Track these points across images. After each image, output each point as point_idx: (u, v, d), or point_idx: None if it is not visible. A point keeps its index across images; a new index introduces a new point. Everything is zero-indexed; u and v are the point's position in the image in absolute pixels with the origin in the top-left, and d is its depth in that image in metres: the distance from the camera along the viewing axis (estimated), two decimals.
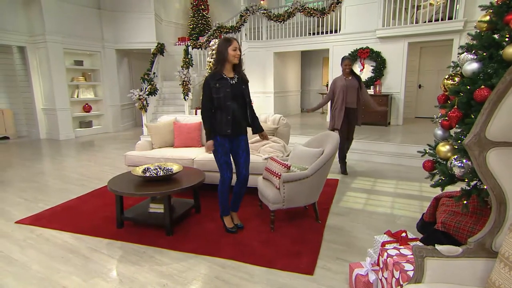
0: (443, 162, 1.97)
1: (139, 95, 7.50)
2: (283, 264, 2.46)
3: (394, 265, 1.74)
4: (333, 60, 8.75)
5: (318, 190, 3.16)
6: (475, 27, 1.97)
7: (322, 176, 3.10)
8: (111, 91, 9.61)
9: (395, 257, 1.80)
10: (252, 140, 3.87)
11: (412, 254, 1.81)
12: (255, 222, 3.21)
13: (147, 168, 3.20)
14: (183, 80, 7.77)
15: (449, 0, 7.02)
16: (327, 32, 8.87)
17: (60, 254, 2.72)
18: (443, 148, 1.90)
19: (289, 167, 3.01)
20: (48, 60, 8.07)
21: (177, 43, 10.62)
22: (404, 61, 7.86)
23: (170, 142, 4.50)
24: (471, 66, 1.82)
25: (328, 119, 9.19)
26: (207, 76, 2.80)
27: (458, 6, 6.92)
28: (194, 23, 11.06)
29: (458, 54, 2.04)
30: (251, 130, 3.04)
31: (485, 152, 1.28)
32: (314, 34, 9.18)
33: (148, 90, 7.71)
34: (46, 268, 2.51)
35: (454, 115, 1.81)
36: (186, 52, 8.34)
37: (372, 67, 8.20)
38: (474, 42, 1.91)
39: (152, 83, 7.86)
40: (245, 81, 2.88)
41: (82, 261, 2.60)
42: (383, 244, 2.02)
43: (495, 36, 1.80)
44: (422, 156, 2.30)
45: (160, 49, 8.94)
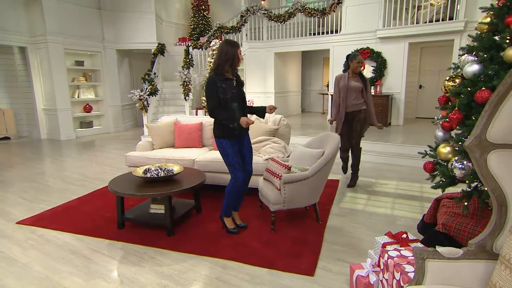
0: (444, 164, 1.97)
1: (140, 96, 7.51)
2: (284, 265, 2.46)
3: (395, 266, 1.74)
4: (333, 61, 8.75)
5: (318, 191, 3.16)
6: (476, 29, 1.97)
7: (322, 177, 3.10)
8: (112, 91, 9.62)
9: (396, 258, 1.80)
10: (253, 141, 3.87)
11: (413, 256, 1.82)
12: (256, 222, 3.22)
13: (148, 169, 3.20)
14: (184, 81, 7.78)
15: (449, 1, 7.01)
16: (327, 33, 8.86)
17: (61, 254, 2.72)
18: (444, 149, 1.90)
19: (289, 168, 3.01)
20: (49, 61, 8.08)
21: (177, 44, 10.63)
22: (405, 61, 7.85)
23: (170, 143, 4.50)
24: (472, 68, 1.82)
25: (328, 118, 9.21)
26: (212, 75, 2.76)
27: (458, 6, 6.91)
28: (195, 23, 11.06)
29: (459, 55, 2.03)
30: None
31: (486, 154, 1.29)
32: (314, 34, 9.18)
33: (148, 91, 7.72)
34: (47, 269, 2.51)
35: (455, 116, 1.81)
36: (187, 52, 8.36)
37: (373, 68, 8.19)
38: (475, 44, 1.91)
39: (152, 83, 7.87)
40: (242, 82, 2.92)
41: (83, 261, 2.61)
42: (384, 245, 2.02)
43: (496, 38, 1.80)
44: (423, 157, 2.30)
45: (161, 49, 8.96)
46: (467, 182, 1.80)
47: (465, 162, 1.73)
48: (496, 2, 1.80)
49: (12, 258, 2.68)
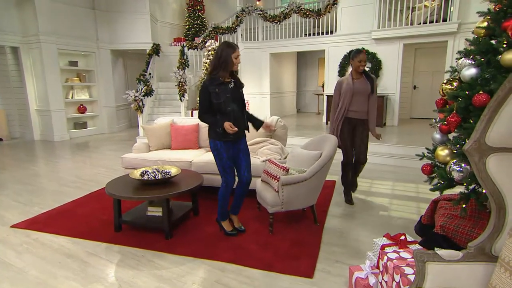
0: (442, 166, 1.99)
1: (135, 96, 7.46)
2: (283, 267, 2.47)
3: (394, 268, 1.76)
4: (329, 61, 8.80)
5: (316, 193, 3.17)
6: (473, 33, 2.00)
7: (320, 178, 3.11)
8: (106, 92, 9.55)
9: (395, 260, 1.81)
10: (249, 142, 3.87)
11: (412, 258, 1.83)
12: (254, 224, 3.22)
13: (145, 171, 3.18)
14: (179, 81, 7.75)
15: (443, 2, 7.08)
16: (323, 33, 8.90)
17: (57, 258, 2.69)
18: (442, 152, 1.92)
19: (287, 169, 3.01)
20: (42, 61, 7.99)
21: (172, 44, 10.58)
22: (399, 62, 7.92)
23: (167, 144, 4.48)
24: (469, 72, 1.84)
25: (324, 120, 9.23)
26: (205, 81, 2.76)
27: (452, 8, 6.98)
28: (190, 23, 11.04)
29: (456, 59, 2.06)
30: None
31: (485, 158, 1.30)
32: (310, 35, 9.21)
33: (144, 91, 7.67)
34: (43, 273, 2.48)
35: (453, 120, 1.82)
36: (182, 52, 8.33)
37: (368, 68, 8.23)
38: (472, 48, 1.93)
39: (148, 84, 7.83)
40: (241, 85, 2.89)
41: (80, 265, 2.59)
42: (383, 247, 2.03)
43: (493, 42, 1.82)
44: (421, 159, 2.32)
45: (156, 49, 8.91)
46: (465, 184, 1.82)
47: (463, 165, 1.75)
48: (493, 7, 1.83)
49: (7, 263, 2.64)
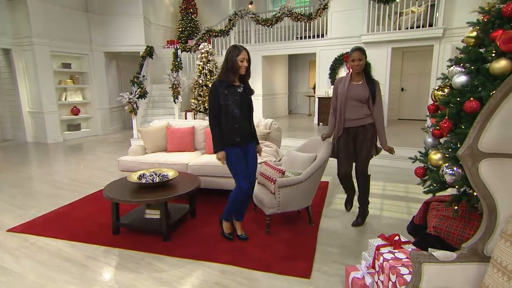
0: (435, 169, 2.07)
1: (129, 98, 7.45)
2: (281, 268, 2.52)
3: (390, 269, 1.82)
4: (319, 64, 8.94)
5: (311, 194, 3.24)
6: (463, 41, 2.08)
7: (315, 180, 3.17)
8: (100, 94, 9.50)
9: (391, 261, 1.88)
10: None
11: (407, 258, 1.90)
12: (251, 226, 3.26)
13: (143, 174, 3.20)
14: (173, 83, 7.76)
15: (429, 8, 7.26)
16: (314, 37, 9.03)
17: (55, 262, 2.69)
18: (435, 156, 2.00)
19: (283, 172, 3.07)
20: (35, 63, 7.92)
21: (166, 46, 10.57)
22: (388, 65, 8.07)
23: (162, 147, 4.50)
24: (460, 79, 1.92)
25: (315, 121, 9.33)
26: (215, 81, 2.75)
27: (437, 14, 7.16)
28: (183, 26, 11.06)
29: (447, 66, 2.14)
30: None
31: (477, 163, 1.37)
32: (301, 38, 9.33)
33: (138, 93, 7.66)
34: (42, 278, 2.49)
35: (445, 125, 1.90)
36: (175, 55, 8.33)
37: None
38: (462, 56, 2.02)
39: (142, 86, 7.82)
40: (250, 91, 2.87)
41: (79, 269, 2.59)
42: (378, 247, 2.10)
43: (482, 50, 1.91)
44: (413, 162, 2.40)
45: (149, 52, 8.91)
46: (457, 187, 1.90)
47: (455, 169, 1.83)
48: (482, 18, 1.92)
49: (4, 268, 2.63)
